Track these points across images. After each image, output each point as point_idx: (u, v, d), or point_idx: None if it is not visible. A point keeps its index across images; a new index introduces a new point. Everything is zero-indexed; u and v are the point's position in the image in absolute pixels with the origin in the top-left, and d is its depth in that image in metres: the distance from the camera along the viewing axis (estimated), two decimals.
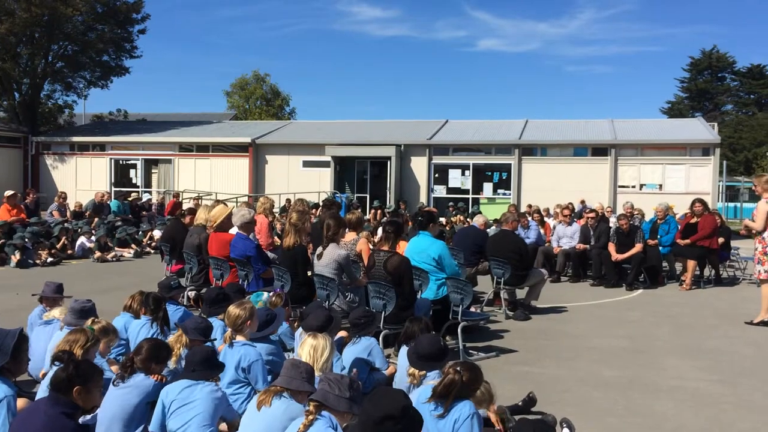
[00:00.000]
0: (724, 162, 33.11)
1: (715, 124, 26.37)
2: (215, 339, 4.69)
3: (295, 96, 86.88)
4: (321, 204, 13.34)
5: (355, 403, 3.09)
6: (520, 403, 4.86)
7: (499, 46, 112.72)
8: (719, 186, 25.94)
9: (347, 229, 7.45)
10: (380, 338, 5.97)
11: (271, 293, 5.48)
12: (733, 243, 13.08)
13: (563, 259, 12.22)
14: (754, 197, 10.33)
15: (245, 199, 22.62)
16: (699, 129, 25.08)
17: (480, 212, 16.91)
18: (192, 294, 8.27)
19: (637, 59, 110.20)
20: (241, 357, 4.30)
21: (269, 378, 4.32)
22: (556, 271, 12.15)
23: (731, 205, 34.88)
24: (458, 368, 3.60)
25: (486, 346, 6.90)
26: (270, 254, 8.31)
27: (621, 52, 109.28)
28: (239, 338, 4.48)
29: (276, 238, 10.27)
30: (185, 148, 27.26)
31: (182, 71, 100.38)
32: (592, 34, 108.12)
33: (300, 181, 24.70)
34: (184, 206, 16.56)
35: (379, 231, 9.88)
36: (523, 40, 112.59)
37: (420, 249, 7.09)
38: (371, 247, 7.52)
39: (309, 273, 7.08)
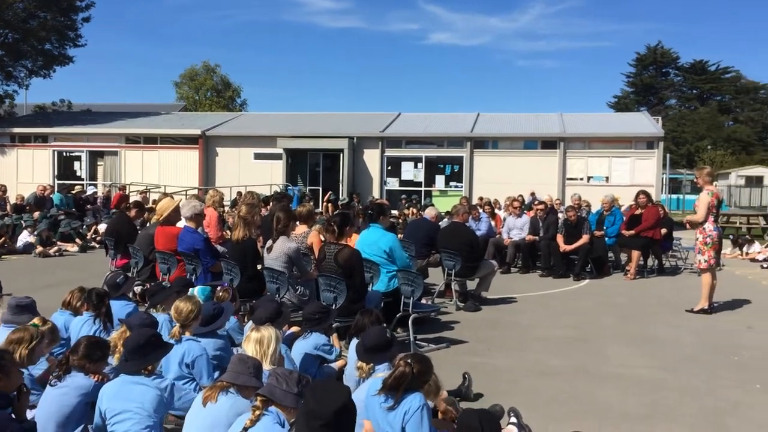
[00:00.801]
0: (668, 155, 34.11)
1: (659, 118, 27.14)
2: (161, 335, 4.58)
3: (246, 87, 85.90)
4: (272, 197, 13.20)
5: (302, 398, 3.06)
6: (461, 389, 4.94)
7: (451, 40, 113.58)
8: (663, 178, 26.76)
9: (298, 222, 7.41)
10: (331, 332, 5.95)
11: (219, 287, 5.39)
12: (675, 234, 13.49)
13: (513, 251, 12.40)
14: (696, 189, 10.66)
15: (195, 192, 22.23)
16: (644, 123, 25.77)
17: (432, 204, 17.01)
18: (138, 289, 8.08)
19: (585, 54, 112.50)
20: (185, 352, 4.22)
21: (216, 374, 4.25)
22: (506, 262, 12.32)
23: (674, 196, 36.00)
24: (409, 360, 3.60)
25: (436, 338, 6.95)
26: (220, 248, 8.17)
27: (570, 47, 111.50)
28: (185, 333, 4.39)
29: (227, 231, 10.13)
30: (132, 140, 26.60)
31: (129, 61, 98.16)
32: (541, 29, 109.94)
33: (251, 174, 24.39)
34: (132, 199, 16.16)
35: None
36: (475, 34, 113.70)
37: (371, 241, 7.08)
38: (323, 239, 7.47)
39: (259, 266, 7.01)
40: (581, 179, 23.97)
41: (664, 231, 12.22)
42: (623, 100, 69.68)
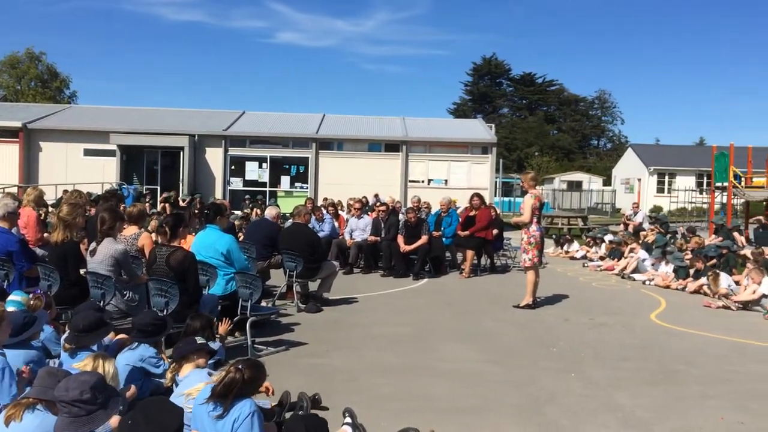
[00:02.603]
0: (501, 160, 36.34)
1: (493, 125, 28.84)
2: None
3: (76, 79, 79.76)
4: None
5: (105, 408, 2.84)
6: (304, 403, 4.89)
7: (299, 40, 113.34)
8: (496, 182, 28.47)
9: (128, 223, 6.95)
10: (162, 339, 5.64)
11: (31, 295, 4.90)
12: (506, 234, 14.37)
13: (356, 251, 12.55)
14: (524, 192, 11.40)
15: (14, 189, 20.23)
16: (479, 129, 27.29)
17: (275, 204, 16.78)
18: None
19: (427, 61, 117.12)
20: None
21: (26, 388, 3.85)
22: (349, 263, 12.45)
23: (506, 199, 38.40)
24: (240, 366, 3.49)
25: (276, 340, 6.84)
26: (39, 251, 7.47)
27: (413, 54, 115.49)
28: None
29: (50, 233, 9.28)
30: None
31: None
32: (386, 34, 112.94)
33: (81, 172, 22.68)
34: None
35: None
36: (322, 36, 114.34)
37: (207, 243, 6.82)
38: (155, 241, 7.07)
39: (83, 271, 6.48)
40: (422, 181, 24.88)
41: (495, 232, 12.97)
42: (462, 107, 73.41)
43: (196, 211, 11.94)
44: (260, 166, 24.77)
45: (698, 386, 5.62)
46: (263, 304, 7.78)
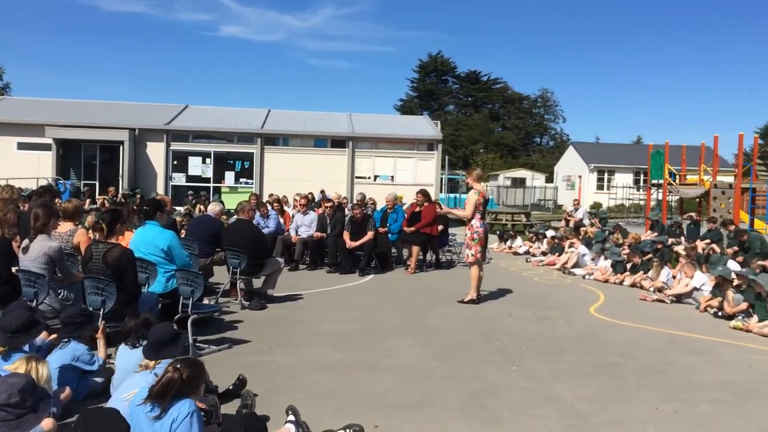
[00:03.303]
0: (446, 157, 36.68)
1: (439, 122, 29.08)
2: None
3: (9, 70, 76.43)
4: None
5: (35, 412, 2.73)
6: (230, 387, 4.85)
7: (244, 34, 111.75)
8: (442, 178, 28.72)
9: (63, 219, 6.72)
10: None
11: None
12: (451, 230, 14.51)
13: (301, 248, 12.46)
14: (469, 189, 11.50)
15: None
16: (425, 126, 27.47)
17: (219, 200, 16.51)
18: None
19: (374, 58, 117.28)
20: None
21: None
22: (294, 259, 12.35)
23: (452, 195, 38.81)
24: (178, 365, 3.41)
25: (218, 339, 6.72)
26: None
27: (360, 50, 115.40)
28: None
29: None
30: None
31: None
32: (333, 30, 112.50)
33: (14, 165, 21.85)
34: None
35: None
36: (268, 30, 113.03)
37: (147, 240, 6.64)
38: (91, 238, 6.85)
39: (15, 269, 6.22)
40: (369, 178, 24.90)
41: (440, 228, 13.08)
42: (408, 103, 73.79)
43: (135, 207, 11.60)
44: (204, 162, 24.34)
45: (634, 377, 5.79)
46: (205, 301, 7.63)
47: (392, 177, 24.94)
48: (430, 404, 4.95)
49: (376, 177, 24.96)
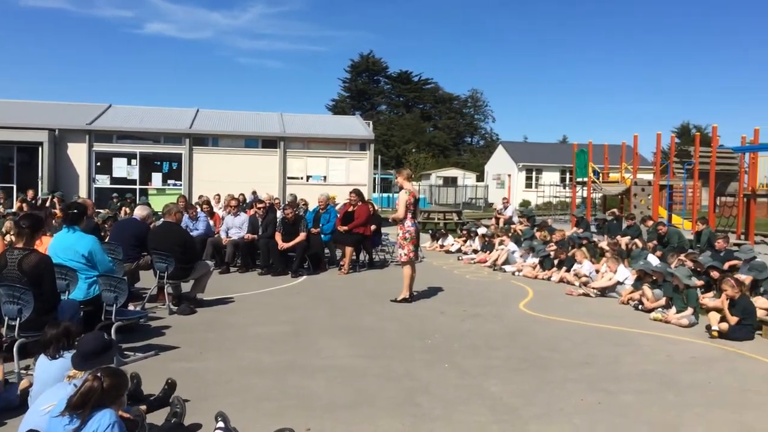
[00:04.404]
0: (379, 156, 36.85)
1: (371, 122, 29.15)
2: None
3: None
4: None
5: None
6: (159, 394, 4.71)
7: (170, 32, 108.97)
8: (374, 178, 28.81)
9: None
10: (15, 348, 5.22)
11: None
12: (384, 230, 14.58)
13: (232, 250, 12.24)
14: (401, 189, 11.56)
15: None
16: (357, 126, 27.47)
17: (146, 204, 16.04)
18: None
19: (305, 57, 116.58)
20: None
21: None
22: (225, 262, 12.13)
23: (385, 195, 39.03)
24: (98, 374, 3.28)
25: (145, 345, 6.51)
26: None
27: (291, 49, 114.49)
28: None
29: None
30: None
31: None
32: (263, 28, 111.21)
33: None
34: None
35: None
36: (195, 28, 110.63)
37: (66, 245, 6.37)
38: (6, 244, 6.52)
39: None
40: (301, 178, 24.71)
41: (373, 227, 13.12)
42: (340, 103, 73.70)
43: (54, 211, 11.12)
44: (129, 163, 23.57)
45: (561, 370, 5.96)
46: (131, 307, 7.39)
47: (325, 177, 24.83)
48: (363, 404, 4.94)
49: (308, 177, 24.79)
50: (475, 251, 15.46)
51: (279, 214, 13.48)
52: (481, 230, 16.43)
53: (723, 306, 7.62)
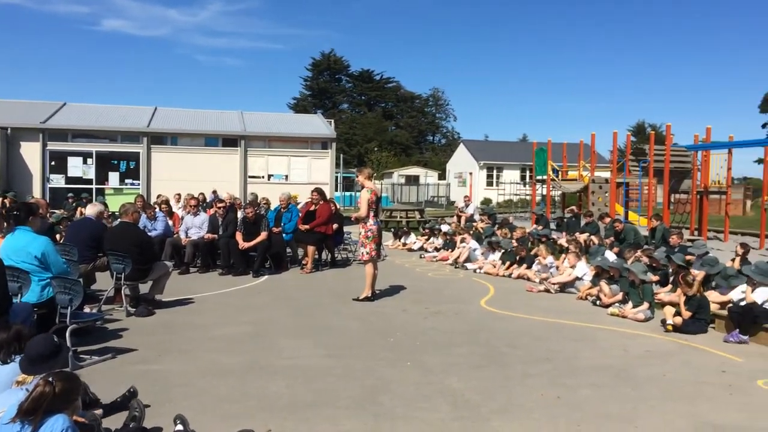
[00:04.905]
0: (341, 155, 36.76)
1: (333, 120, 29.04)
2: None
3: None
4: None
5: None
6: (118, 399, 4.61)
7: (127, 28, 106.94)
8: (336, 177, 28.73)
9: None
10: None
11: None
12: (346, 228, 14.55)
13: (192, 250, 12.07)
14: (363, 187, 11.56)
15: None
16: (319, 124, 27.35)
17: (101, 202, 15.68)
18: None
19: (266, 55, 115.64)
20: None
21: None
22: (184, 262, 11.95)
23: (347, 194, 39.00)
24: (50, 378, 3.19)
25: (101, 348, 6.37)
26: None
27: (251, 47, 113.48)
28: None
29: None
30: None
31: None
32: (222, 26, 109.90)
33: None
34: None
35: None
36: (152, 25, 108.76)
37: (18, 247, 6.18)
38: None
39: None
40: (262, 177, 24.49)
41: (335, 226, 13.08)
42: (302, 102, 73.32)
43: (4, 212, 10.77)
44: (85, 162, 23.03)
45: (521, 366, 6.03)
46: (87, 309, 7.22)
47: (286, 176, 24.66)
48: (324, 404, 4.92)
49: (269, 176, 24.59)
50: (436, 249, 15.54)
51: (240, 213, 13.33)
52: (445, 227, 16.52)
53: (680, 301, 7.82)
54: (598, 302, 9.20)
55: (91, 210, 8.98)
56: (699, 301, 7.70)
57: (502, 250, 12.65)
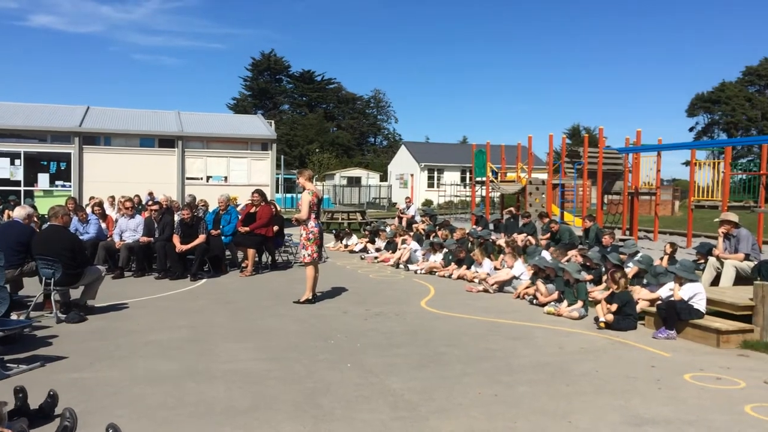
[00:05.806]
0: (282, 156, 36.43)
1: (273, 121, 28.77)
2: None
3: None
4: None
5: None
6: (41, 405, 4.45)
7: (57, 25, 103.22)
8: (277, 178, 28.46)
9: None
10: None
11: None
12: (287, 230, 14.44)
13: (127, 253, 11.74)
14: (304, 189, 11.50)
15: None
16: (259, 125, 27.03)
17: (32, 204, 15.08)
18: None
19: (204, 54, 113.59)
20: None
21: None
22: (119, 266, 11.62)
23: (289, 195, 38.68)
24: None
25: (30, 357, 6.13)
26: None
27: (189, 46, 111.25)
28: None
29: None
30: None
31: None
32: (159, 24, 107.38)
33: None
34: None
35: None
36: (85, 21, 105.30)
37: None
38: None
39: None
40: (201, 179, 24.05)
41: (276, 228, 12.96)
42: (242, 102, 72.38)
43: None
44: (12, 163, 22.09)
45: (460, 365, 6.12)
46: (14, 316, 6.94)
47: (226, 178, 24.27)
48: (263, 408, 4.87)
49: (208, 178, 24.16)
50: (378, 250, 15.59)
51: (177, 216, 13.03)
52: (389, 229, 16.60)
53: (603, 296, 8.10)
54: (534, 301, 9.42)
55: (18, 213, 8.60)
56: (621, 296, 7.92)
57: (444, 251, 12.79)
